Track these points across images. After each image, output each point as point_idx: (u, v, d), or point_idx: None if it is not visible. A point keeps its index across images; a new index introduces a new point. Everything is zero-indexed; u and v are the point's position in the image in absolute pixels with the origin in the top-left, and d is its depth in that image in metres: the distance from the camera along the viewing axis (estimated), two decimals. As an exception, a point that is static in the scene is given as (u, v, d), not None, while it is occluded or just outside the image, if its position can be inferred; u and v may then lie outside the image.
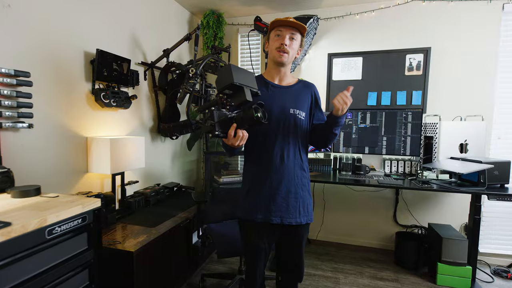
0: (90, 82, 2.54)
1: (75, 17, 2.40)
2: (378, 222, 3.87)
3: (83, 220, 1.61)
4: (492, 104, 3.38)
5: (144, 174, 3.25)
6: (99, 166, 2.50)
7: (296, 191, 1.77)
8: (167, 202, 3.14)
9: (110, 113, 2.79)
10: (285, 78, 1.87)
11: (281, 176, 1.75)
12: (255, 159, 1.82)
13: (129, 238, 2.24)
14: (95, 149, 2.50)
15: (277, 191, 1.74)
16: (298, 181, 1.79)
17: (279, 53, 1.75)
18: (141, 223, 2.55)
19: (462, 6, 3.38)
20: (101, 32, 2.66)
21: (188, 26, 4.04)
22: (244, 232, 1.87)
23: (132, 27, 3.01)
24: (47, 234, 1.41)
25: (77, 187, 2.46)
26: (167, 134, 3.32)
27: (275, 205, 1.73)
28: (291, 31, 1.76)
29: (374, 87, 3.71)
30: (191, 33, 3.04)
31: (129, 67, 2.80)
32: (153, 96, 3.34)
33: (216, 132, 1.45)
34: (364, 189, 3.83)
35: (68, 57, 2.36)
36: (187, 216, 2.80)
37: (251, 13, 4.00)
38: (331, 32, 3.83)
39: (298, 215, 1.76)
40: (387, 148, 3.43)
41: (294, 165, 1.78)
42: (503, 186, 2.86)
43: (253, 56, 4.06)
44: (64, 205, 1.57)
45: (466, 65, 3.42)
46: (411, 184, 2.99)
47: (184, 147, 3.98)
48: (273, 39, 1.80)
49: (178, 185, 3.50)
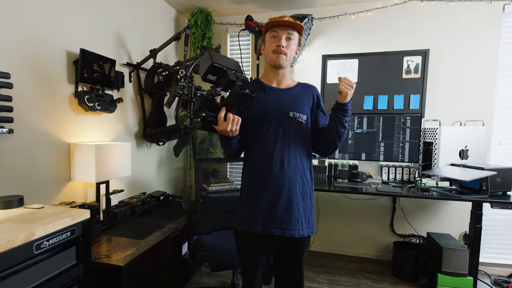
0: (73, 84, 2.51)
1: (57, 14, 2.37)
2: (375, 232, 3.91)
3: (72, 233, 1.59)
4: (492, 108, 3.45)
5: (129, 183, 3.22)
6: (83, 174, 2.46)
7: (298, 201, 1.73)
8: (154, 212, 3.12)
9: (94, 117, 2.76)
10: (283, 81, 1.85)
11: (281, 185, 1.70)
12: (253, 166, 1.79)
13: (116, 251, 2.21)
14: (79, 156, 2.46)
15: (277, 200, 1.70)
16: (299, 189, 1.75)
17: (276, 55, 1.73)
18: (128, 235, 2.52)
19: (461, 7, 3.45)
20: (84, 31, 2.63)
21: (175, 25, 4.03)
22: (241, 244, 1.84)
23: (116, 26, 2.99)
24: (35, 249, 1.39)
25: (59, 197, 2.42)
26: (154, 140, 3.29)
27: (275, 216, 1.69)
28: (288, 31, 1.74)
29: (370, 90, 3.75)
30: (180, 32, 3.03)
31: (114, 68, 2.78)
32: (138, 99, 3.31)
33: (204, 114, 1.48)
34: (359, 197, 3.86)
35: (49, 57, 2.32)
36: (176, 227, 2.78)
37: (241, 11, 4.02)
38: (326, 33, 3.86)
39: (301, 227, 1.72)
40: (384, 154, 3.46)
41: (295, 172, 1.74)
42: (505, 194, 2.91)
43: (243, 57, 4.06)
44: (52, 217, 1.55)
45: (465, 68, 3.49)
46: (410, 192, 3.02)
47: (171, 154, 3.95)
48: (268, 41, 1.78)
49: (165, 193, 3.48)
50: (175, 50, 4.04)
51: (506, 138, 3.47)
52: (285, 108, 1.76)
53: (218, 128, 1.55)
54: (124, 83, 3.03)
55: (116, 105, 2.82)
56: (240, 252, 1.86)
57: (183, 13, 4.13)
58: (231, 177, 3.96)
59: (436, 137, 3.23)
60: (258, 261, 1.79)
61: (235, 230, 1.85)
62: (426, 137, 3.40)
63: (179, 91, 2.77)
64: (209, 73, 1.50)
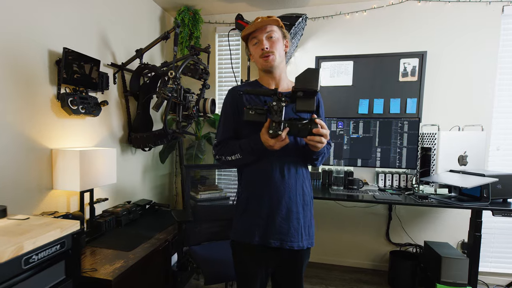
0: (55, 85, 2.47)
1: (37, 9, 2.33)
2: (370, 241, 3.94)
3: (62, 246, 1.56)
4: (491, 113, 3.52)
5: (113, 191, 3.18)
6: (66, 182, 2.42)
7: (298, 211, 1.73)
8: (140, 222, 3.09)
9: (77, 122, 2.72)
10: (281, 83, 1.85)
11: (281, 194, 1.70)
12: (252, 175, 1.78)
13: (103, 264, 2.18)
14: (62, 163, 2.42)
15: (277, 210, 1.69)
16: (300, 199, 1.75)
17: (264, 59, 1.74)
18: (114, 246, 2.48)
19: (459, 8, 3.52)
20: (66, 29, 2.59)
21: (160, 23, 4.02)
22: (238, 256, 1.82)
23: (99, 24, 2.96)
24: (23, 264, 1.36)
25: (41, 207, 2.38)
26: (139, 145, 3.26)
27: (274, 226, 1.69)
28: (265, 31, 1.75)
29: (365, 94, 3.79)
30: (169, 31, 3.02)
31: (98, 69, 2.76)
32: (123, 102, 3.28)
33: (279, 132, 1.53)
34: (354, 204, 3.90)
35: (30, 56, 2.28)
36: (165, 237, 2.76)
37: (230, 10, 4.03)
38: (319, 33, 3.90)
39: (300, 238, 1.73)
40: (381, 160, 3.50)
41: (296, 181, 1.75)
42: (505, 201, 2.96)
43: (233, 59, 4.06)
44: (39, 228, 1.52)
45: (463, 71, 3.55)
46: (408, 199, 3.04)
47: (156, 160, 3.93)
48: (253, 49, 1.80)
49: (151, 202, 3.45)
50: (161, 50, 4.01)
51: (506, 144, 3.54)
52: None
53: (268, 141, 1.58)
54: (108, 84, 3.00)
55: (101, 108, 2.79)
56: (237, 264, 1.84)
57: (169, 11, 4.11)
58: (219, 184, 3.94)
59: (435, 143, 3.28)
60: (256, 273, 1.77)
61: (232, 241, 1.84)
62: (424, 143, 3.45)
63: (168, 93, 2.76)
64: (303, 91, 1.55)
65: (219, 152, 1.81)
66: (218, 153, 1.82)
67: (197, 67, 3.16)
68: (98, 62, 2.75)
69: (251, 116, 1.60)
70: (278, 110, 1.52)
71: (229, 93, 1.90)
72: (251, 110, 1.60)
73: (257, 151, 1.67)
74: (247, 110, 1.61)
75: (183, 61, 2.99)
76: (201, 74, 3.17)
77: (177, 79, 2.81)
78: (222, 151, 1.80)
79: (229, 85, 4.25)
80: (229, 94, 1.89)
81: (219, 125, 1.89)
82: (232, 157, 1.76)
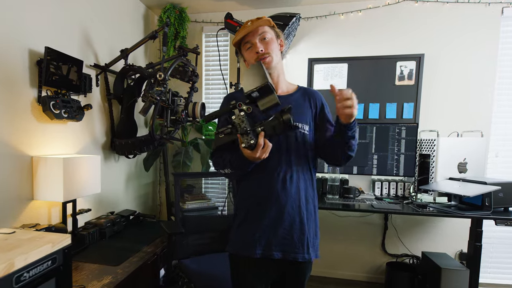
0: (36, 87, 2.44)
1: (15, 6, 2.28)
2: (365, 252, 3.98)
3: (53, 262, 1.53)
4: (490, 118, 3.59)
5: (96, 201, 3.14)
6: (48, 192, 2.38)
7: (302, 221, 1.72)
8: (125, 234, 3.06)
9: (59, 127, 2.68)
10: (280, 85, 1.84)
11: (283, 203, 1.69)
12: (251, 183, 1.76)
13: (91, 280, 2.14)
14: (44, 171, 2.38)
15: (279, 221, 1.68)
16: (303, 208, 1.74)
17: None
18: (100, 260, 2.45)
19: (458, 9, 3.59)
20: (47, 26, 2.55)
21: (144, 22, 4.00)
22: (238, 270, 1.81)
23: (80, 22, 2.92)
24: (14, 282, 1.33)
25: (20, 219, 2.33)
26: (124, 152, 3.22)
27: (276, 237, 1.68)
28: (257, 33, 1.76)
29: (360, 98, 3.81)
30: (157, 30, 3.00)
31: (81, 70, 2.72)
32: (106, 106, 3.25)
33: (252, 142, 1.48)
34: (349, 214, 3.92)
35: (9, 56, 2.24)
36: (153, 250, 2.73)
37: (218, 9, 4.03)
38: (312, 34, 3.93)
39: (306, 249, 1.71)
40: (378, 168, 3.54)
41: (298, 189, 1.73)
42: (507, 210, 3.02)
43: (221, 60, 4.04)
44: (29, 243, 1.49)
45: (462, 75, 3.62)
46: (407, 208, 3.07)
47: (140, 167, 3.90)
48: (247, 54, 1.80)
49: (135, 212, 3.42)
50: (144, 51, 3.98)
51: (505, 150, 3.61)
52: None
53: (251, 155, 1.53)
54: (91, 87, 2.96)
55: (84, 112, 2.76)
56: (236, 279, 1.83)
57: (153, 9, 4.10)
58: (207, 193, 3.93)
59: (434, 149, 3.33)
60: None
61: (230, 254, 1.82)
62: (423, 149, 3.50)
63: (157, 97, 2.74)
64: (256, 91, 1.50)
65: (215, 163, 1.80)
66: (214, 164, 1.81)
67: (186, 69, 3.14)
68: (81, 62, 2.72)
69: (222, 140, 1.60)
70: (240, 121, 1.50)
71: (224, 100, 1.90)
72: (219, 134, 1.60)
73: (246, 165, 1.65)
74: (216, 136, 1.61)
75: (172, 62, 2.97)
76: (190, 76, 3.15)
77: (165, 82, 2.79)
78: (216, 162, 1.79)
79: (216, 87, 4.25)
80: (224, 101, 1.90)
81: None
82: (225, 171, 1.74)
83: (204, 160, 3.58)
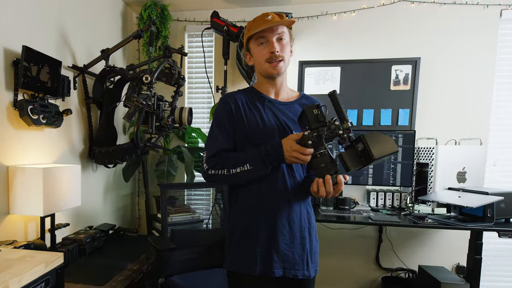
0: (11, 90, 2.39)
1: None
2: (359, 266, 4.01)
3: (46, 284, 1.51)
4: (488, 125, 3.67)
5: (73, 214, 3.09)
6: (26, 206, 2.33)
7: (303, 235, 1.73)
8: (106, 250, 3.02)
9: (36, 134, 2.63)
10: (282, 91, 1.85)
11: (284, 216, 1.70)
12: (249, 195, 1.75)
13: (76, 302, 2.11)
14: (21, 183, 2.32)
15: (280, 235, 1.69)
16: (304, 222, 1.75)
17: (272, 64, 1.72)
18: (84, 280, 2.40)
19: (455, 11, 3.66)
20: (22, 24, 2.50)
21: (122, 20, 3.96)
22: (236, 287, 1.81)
23: (56, 18, 2.87)
24: (9, 306, 1.29)
25: (-5, 235, 2.27)
26: (104, 161, 3.17)
27: (278, 253, 1.68)
28: (277, 31, 1.71)
29: (354, 103, 3.87)
30: (142, 29, 2.99)
31: (59, 72, 2.69)
32: (84, 111, 3.21)
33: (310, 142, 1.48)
34: (342, 226, 3.92)
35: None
36: (139, 268, 2.70)
37: (203, 7, 4.03)
38: (303, 35, 3.96)
39: (306, 266, 1.73)
40: (374, 178, 3.58)
41: (300, 202, 1.75)
42: (508, 221, 3.10)
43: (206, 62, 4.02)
44: (20, 263, 1.46)
45: (459, 80, 3.69)
46: (406, 220, 3.12)
47: (118, 178, 3.86)
48: (257, 50, 1.76)
49: (114, 227, 3.38)
50: (123, 51, 3.93)
51: (503, 159, 3.68)
52: (287, 127, 1.75)
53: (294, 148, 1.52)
54: (70, 90, 2.92)
55: (63, 118, 2.71)
56: (234, 297, 1.82)
57: (132, 6, 4.07)
58: (190, 205, 3.90)
59: (432, 158, 3.38)
60: None
61: (228, 271, 1.81)
62: (420, 158, 3.56)
63: (143, 101, 2.72)
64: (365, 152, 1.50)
65: (216, 165, 1.72)
66: (215, 166, 1.72)
67: (172, 72, 3.12)
68: (60, 63, 2.68)
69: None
70: (329, 137, 1.50)
71: (221, 101, 1.86)
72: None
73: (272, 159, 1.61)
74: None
75: (158, 64, 2.95)
76: (177, 79, 3.13)
77: (152, 85, 2.77)
78: (221, 163, 1.71)
79: (200, 91, 4.24)
80: (221, 102, 1.85)
81: (210, 137, 1.82)
82: (237, 170, 1.66)
83: (188, 169, 3.55)
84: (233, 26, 3.50)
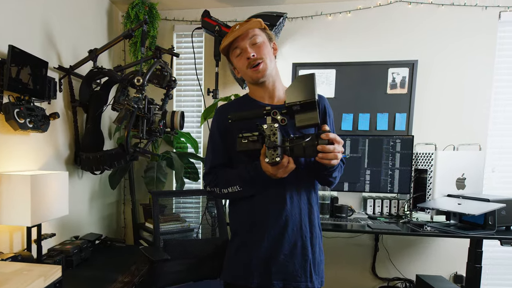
0: (-3, 93, 2.34)
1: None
2: (354, 276, 4.03)
3: (46, 299, 1.47)
4: (486, 130, 3.72)
5: (59, 224, 3.05)
6: (12, 215, 2.28)
7: (305, 245, 1.73)
8: (94, 262, 2.97)
9: (21, 138, 2.58)
10: (277, 93, 1.84)
11: (284, 225, 1.70)
12: (248, 205, 1.76)
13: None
14: (7, 191, 2.28)
15: (279, 245, 1.69)
16: (306, 231, 1.75)
17: (253, 69, 1.73)
18: (74, 294, 2.36)
19: (453, 12, 3.70)
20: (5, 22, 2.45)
21: (107, 18, 3.93)
22: None
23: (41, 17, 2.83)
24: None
25: (-20, 247, 2.22)
26: (91, 168, 3.12)
27: (276, 264, 1.68)
28: (247, 37, 1.74)
29: (349, 107, 3.89)
30: (133, 28, 2.96)
31: (46, 73, 2.66)
32: (70, 115, 3.17)
33: (277, 159, 1.44)
34: (336, 235, 3.93)
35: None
36: (130, 280, 2.66)
37: (192, 5, 4.03)
38: (297, 36, 3.97)
39: (309, 278, 1.73)
40: (371, 184, 3.59)
41: (301, 208, 1.74)
42: (508, 229, 3.14)
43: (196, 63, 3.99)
44: (17, 277, 1.43)
45: (457, 83, 3.74)
46: (405, 228, 3.14)
47: (104, 185, 3.81)
48: (237, 61, 1.80)
49: (101, 236, 3.33)
50: (108, 51, 3.87)
51: (501, 165, 3.73)
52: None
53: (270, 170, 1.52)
54: (56, 92, 2.88)
55: (50, 122, 2.68)
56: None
57: (118, 4, 4.05)
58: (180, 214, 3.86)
59: (431, 164, 3.41)
60: None
61: (225, 283, 1.82)
62: (419, 164, 3.59)
63: (134, 104, 2.69)
64: (300, 104, 1.46)
65: (212, 183, 1.79)
66: (210, 184, 1.80)
67: (164, 73, 3.10)
68: (46, 64, 2.65)
69: (244, 146, 1.55)
70: (272, 133, 1.46)
71: (216, 114, 1.89)
72: (243, 139, 1.55)
73: (259, 180, 1.64)
74: (239, 139, 1.56)
75: (150, 65, 2.93)
76: (169, 81, 3.11)
77: (144, 88, 2.75)
78: (215, 182, 1.77)
79: (189, 94, 4.24)
80: (216, 115, 1.88)
81: (206, 152, 1.87)
82: (228, 189, 1.73)
83: (178, 176, 3.54)
84: (225, 26, 3.48)
